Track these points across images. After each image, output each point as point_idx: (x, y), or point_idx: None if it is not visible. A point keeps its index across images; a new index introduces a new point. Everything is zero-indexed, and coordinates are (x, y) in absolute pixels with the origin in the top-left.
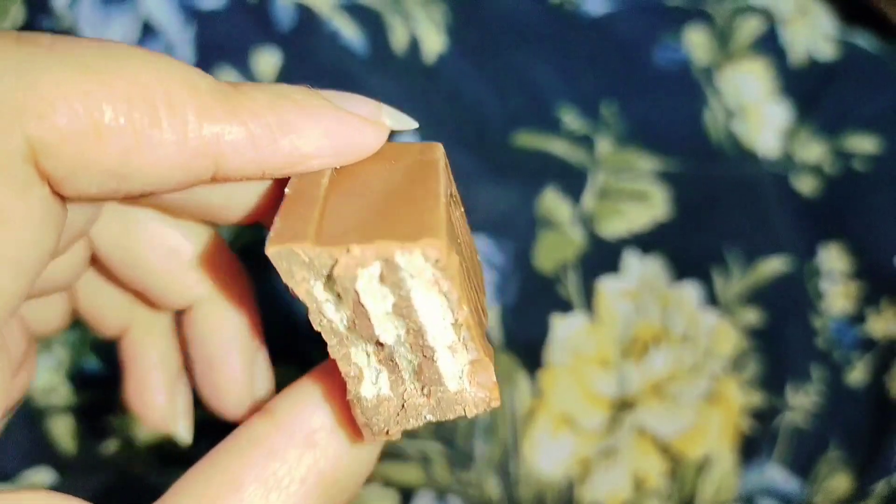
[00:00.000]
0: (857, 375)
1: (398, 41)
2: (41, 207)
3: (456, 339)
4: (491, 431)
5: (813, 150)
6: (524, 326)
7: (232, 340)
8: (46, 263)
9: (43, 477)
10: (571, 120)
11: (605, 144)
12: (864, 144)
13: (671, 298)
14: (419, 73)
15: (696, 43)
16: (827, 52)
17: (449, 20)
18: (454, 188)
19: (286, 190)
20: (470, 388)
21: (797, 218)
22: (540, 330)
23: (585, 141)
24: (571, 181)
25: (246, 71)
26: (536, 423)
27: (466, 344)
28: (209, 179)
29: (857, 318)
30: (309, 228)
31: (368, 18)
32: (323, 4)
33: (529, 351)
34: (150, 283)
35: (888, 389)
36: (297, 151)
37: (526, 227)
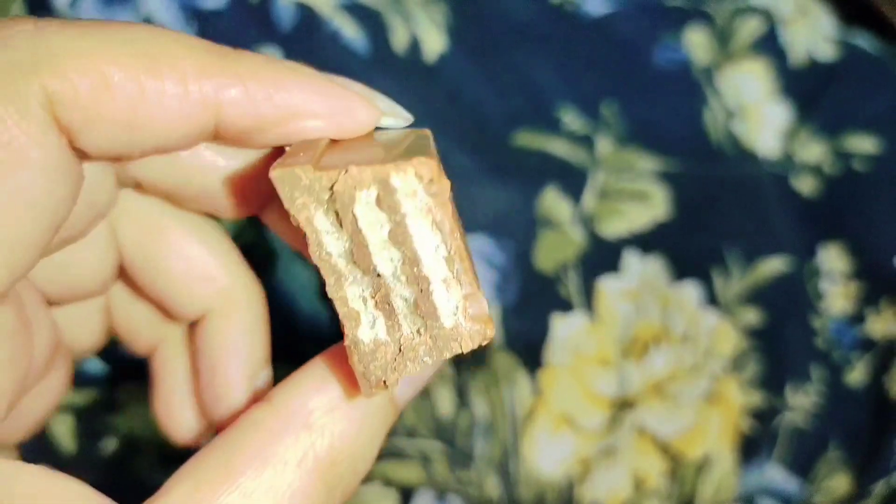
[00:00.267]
0: (856, 376)
1: (399, 41)
2: (58, 155)
3: (450, 273)
4: (491, 431)
5: (813, 150)
6: (524, 326)
7: (236, 353)
8: (63, 217)
9: None
10: (572, 120)
11: (605, 144)
12: (863, 145)
13: (671, 298)
14: (420, 72)
15: (696, 43)
16: (827, 52)
17: (449, 20)
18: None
19: (286, 148)
20: (465, 322)
21: (797, 218)
22: (540, 330)
23: (586, 141)
24: (572, 181)
25: None
26: (536, 422)
27: (460, 278)
28: (212, 136)
29: (856, 318)
30: (310, 160)
31: (369, 18)
32: (324, 4)
33: (530, 350)
34: (167, 291)
35: (887, 390)
36: (291, 108)
37: (526, 226)
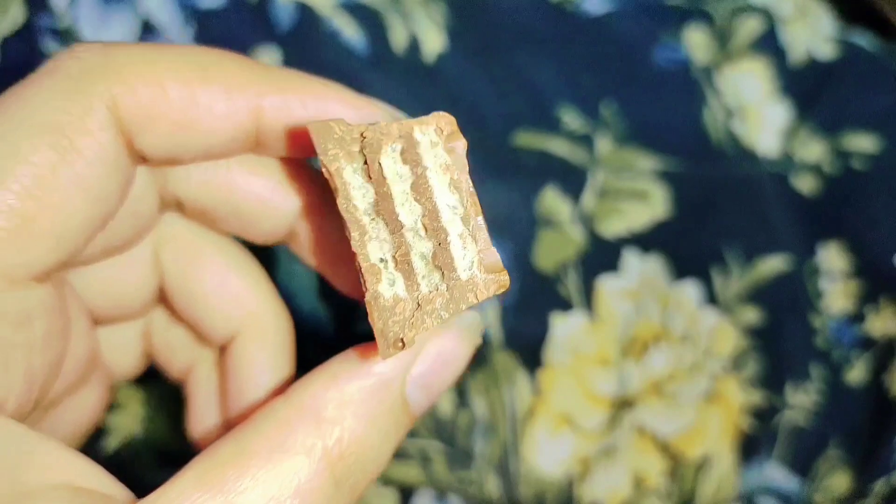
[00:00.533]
0: (856, 374)
1: (398, 41)
2: (114, 152)
3: (465, 229)
4: (491, 430)
5: (812, 149)
6: (524, 325)
7: (263, 374)
8: (110, 212)
9: None
10: (571, 119)
11: (604, 144)
12: (863, 144)
13: (671, 298)
14: (419, 72)
15: (695, 43)
16: (827, 51)
17: (449, 20)
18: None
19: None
20: (480, 274)
21: (797, 217)
22: (540, 329)
23: (585, 140)
24: (571, 180)
25: None
26: (536, 422)
27: (475, 234)
28: (253, 143)
29: (856, 317)
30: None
31: (368, 18)
32: (323, 4)
33: (529, 350)
34: (202, 313)
35: (887, 388)
36: (323, 115)
37: (526, 226)
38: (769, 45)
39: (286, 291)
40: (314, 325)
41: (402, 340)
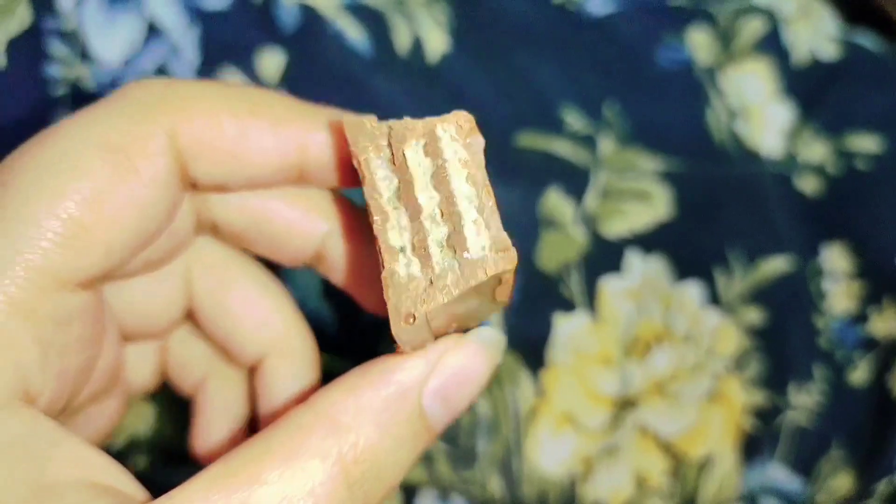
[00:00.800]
0: (859, 375)
1: (402, 42)
2: (167, 176)
3: (480, 217)
4: (493, 430)
5: (816, 149)
6: (527, 325)
7: (291, 395)
8: (156, 232)
9: None
10: (574, 120)
11: (607, 144)
12: (866, 144)
13: (673, 298)
14: (423, 73)
15: (698, 43)
16: (830, 52)
17: (452, 21)
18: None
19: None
20: (490, 254)
21: (800, 218)
22: (543, 329)
23: (588, 141)
24: (574, 181)
25: (251, 72)
26: (539, 421)
27: (489, 222)
28: (297, 176)
29: (859, 317)
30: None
31: (372, 19)
32: (327, 5)
33: (532, 350)
34: (231, 335)
35: (890, 389)
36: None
37: (529, 226)
38: (772, 45)
39: (290, 290)
40: (317, 325)
41: (413, 315)
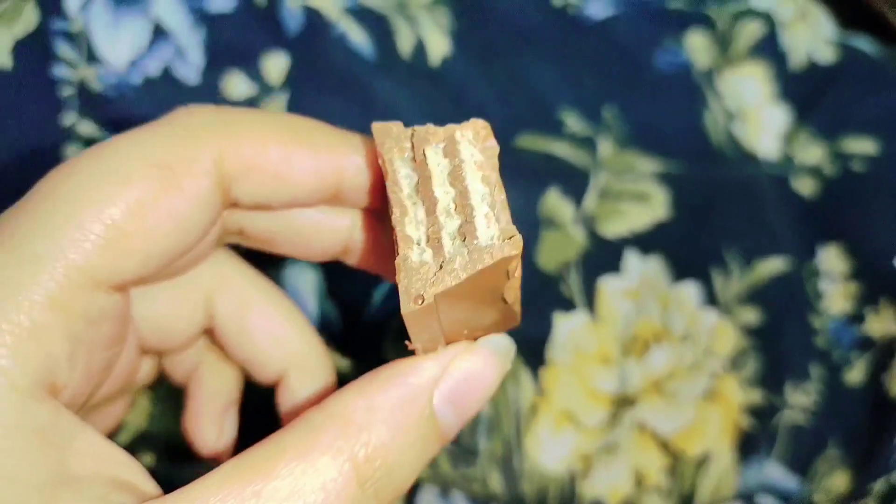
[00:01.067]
0: (855, 375)
1: (404, 45)
2: (209, 195)
3: (491, 212)
4: (494, 428)
5: (812, 152)
6: (527, 324)
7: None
8: (192, 246)
9: None
10: (574, 122)
11: (606, 146)
12: (862, 146)
13: (671, 298)
14: (425, 76)
15: (696, 47)
16: (827, 55)
17: (453, 24)
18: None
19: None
20: (498, 242)
21: (796, 219)
22: (543, 328)
23: (587, 143)
24: (574, 182)
25: (255, 74)
26: (539, 419)
27: (499, 216)
28: (333, 197)
29: (855, 318)
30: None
31: (375, 23)
32: (331, 8)
33: (532, 349)
34: (252, 354)
35: (886, 388)
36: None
37: (529, 227)
38: (769, 49)
39: (293, 292)
40: (321, 325)
41: (422, 297)
